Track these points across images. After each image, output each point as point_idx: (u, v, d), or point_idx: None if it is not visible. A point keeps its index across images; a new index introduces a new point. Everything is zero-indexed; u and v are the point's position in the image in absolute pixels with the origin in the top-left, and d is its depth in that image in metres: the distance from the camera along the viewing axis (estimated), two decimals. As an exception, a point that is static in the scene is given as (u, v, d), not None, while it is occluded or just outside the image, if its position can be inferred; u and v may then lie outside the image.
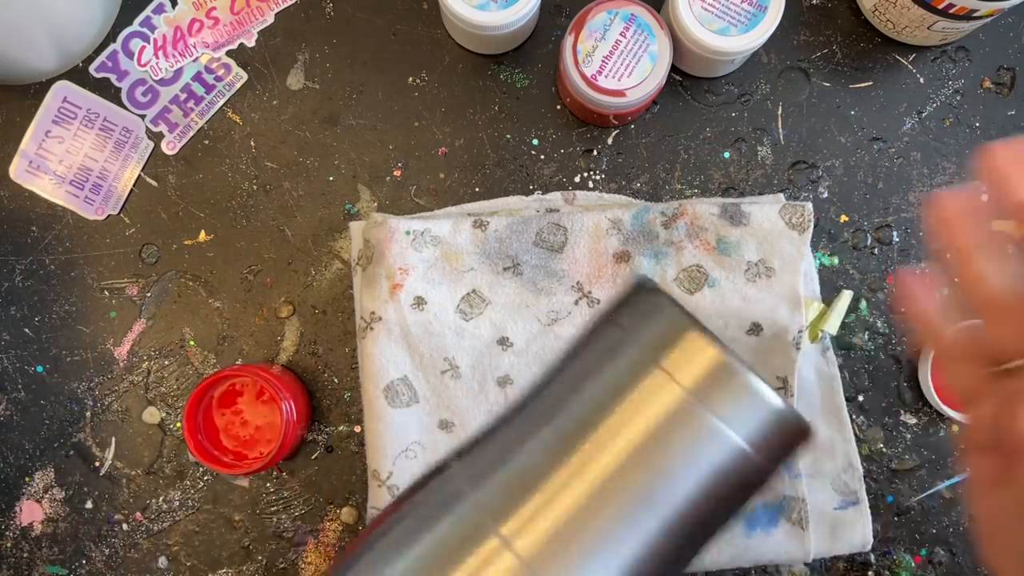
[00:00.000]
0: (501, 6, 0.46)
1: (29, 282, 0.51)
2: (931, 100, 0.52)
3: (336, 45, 0.53)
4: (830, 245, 0.52)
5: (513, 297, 0.49)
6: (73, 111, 0.52)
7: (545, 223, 0.49)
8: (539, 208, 0.51)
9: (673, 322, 0.31)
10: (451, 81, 0.52)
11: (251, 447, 0.49)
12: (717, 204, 0.49)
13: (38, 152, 0.52)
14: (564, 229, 0.49)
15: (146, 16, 0.52)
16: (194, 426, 0.46)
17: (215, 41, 0.52)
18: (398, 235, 0.48)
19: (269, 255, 0.51)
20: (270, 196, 0.52)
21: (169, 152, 0.52)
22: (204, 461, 0.46)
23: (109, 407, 0.51)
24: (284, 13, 0.53)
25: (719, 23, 0.47)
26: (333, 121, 0.52)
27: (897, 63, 0.53)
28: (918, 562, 0.50)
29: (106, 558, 0.50)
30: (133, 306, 0.51)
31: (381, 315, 0.48)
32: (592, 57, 0.47)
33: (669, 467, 0.29)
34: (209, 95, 0.52)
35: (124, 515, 0.50)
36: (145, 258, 0.52)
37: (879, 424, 0.51)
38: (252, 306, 0.51)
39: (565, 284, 0.49)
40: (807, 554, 0.47)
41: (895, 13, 0.49)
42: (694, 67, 0.51)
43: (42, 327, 0.51)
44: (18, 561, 0.50)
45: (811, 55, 0.53)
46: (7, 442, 0.50)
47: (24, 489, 0.50)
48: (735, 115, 0.52)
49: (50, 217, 0.52)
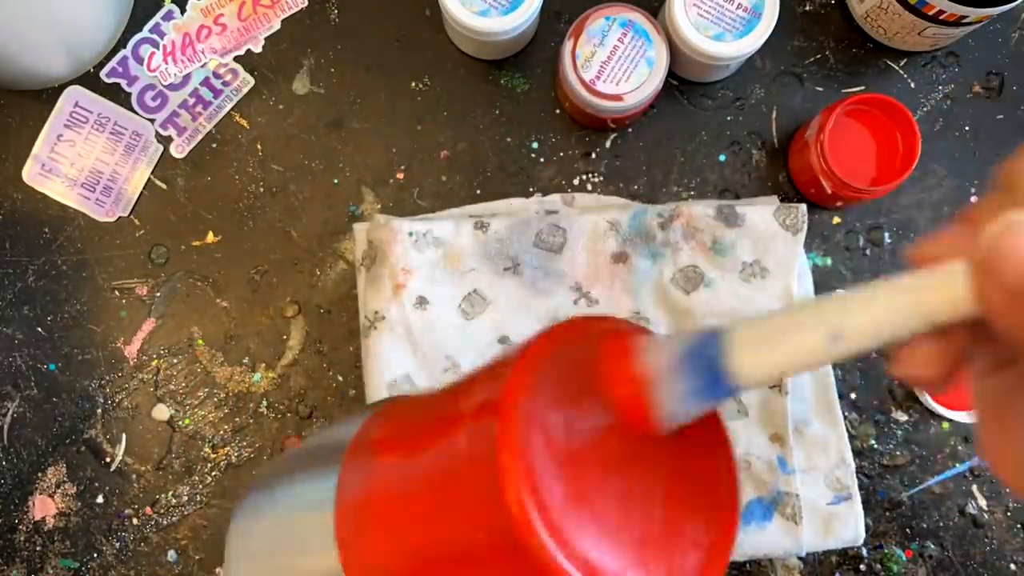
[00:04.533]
0: (502, 12, 0.48)
1: (42, 282, 0.53)
2: (922, 104, 0.53)
3: (341, 51, 0.54)
4: (823, 246, 0.53)
5: (513, 297, 0.50)
6: (84, 115, 0.53)
7: (545, 224, 0.50)
8: (539, 210, 0.52)
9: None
10: (453, 86, 0.54)
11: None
12: (713, 206, 0.50)
13: (50, 155, 0.53)
14: (563, 230, 0.50)
15: (155, 23, 0.54)
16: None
17: (223, 47, 0.54)
18: (401, 236, 0.49)
19: (275, 256, 0.53)
20: (276, 198, 0.53)
21: (178, 155, 0.53)
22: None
23: (119, 404, 0.52)
24: (290, 20, 0.54)
25: (715, 29, 0.48)
26: (338, 125, 0.53)
27: (888, 68, 0.54)
28: (909, 556, 0.51)
29: (116, 552, 0.51)
30: (143, 306, 0.53)
31: (384, 314, 0.49)
32: (591, 62, 0.48)
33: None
34: (217, 100, 0.53)
35: (134, 510, 0.51)
36: (154, 259, 0.53)
37: (871, 421, 0.52)
38: (259, 306, 0.52)
39: (564, 284, 0.50)
40: (800, 548, 0.48)
41: (887, 19, 0.51)
42: (690, 72, 0.52)
43: (54, 326, 0.52)
44: (31, 554, 0.51)
45: (804, 60, 0.54)
46: (20, 438, 0.52)
47: (37, 484, 0.51)
48: (730, 119, 0.53)
49: (62, 219, 0.53)
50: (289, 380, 0.52)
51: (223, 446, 0.52)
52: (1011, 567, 0.51)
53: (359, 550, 0.27)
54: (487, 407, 0.23)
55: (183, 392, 0.52)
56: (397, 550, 0.26)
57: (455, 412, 0.26)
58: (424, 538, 0.26)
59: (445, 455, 0.25)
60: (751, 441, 0.48)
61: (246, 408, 0.52)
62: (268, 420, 0.52)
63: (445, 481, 0.25)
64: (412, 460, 0.27)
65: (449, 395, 0.28)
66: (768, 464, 0.48)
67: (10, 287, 0.53)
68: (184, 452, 0.52)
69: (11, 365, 0.52)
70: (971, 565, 0.51)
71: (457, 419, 0.25)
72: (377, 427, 0.30)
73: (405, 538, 0.26)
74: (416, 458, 0.27)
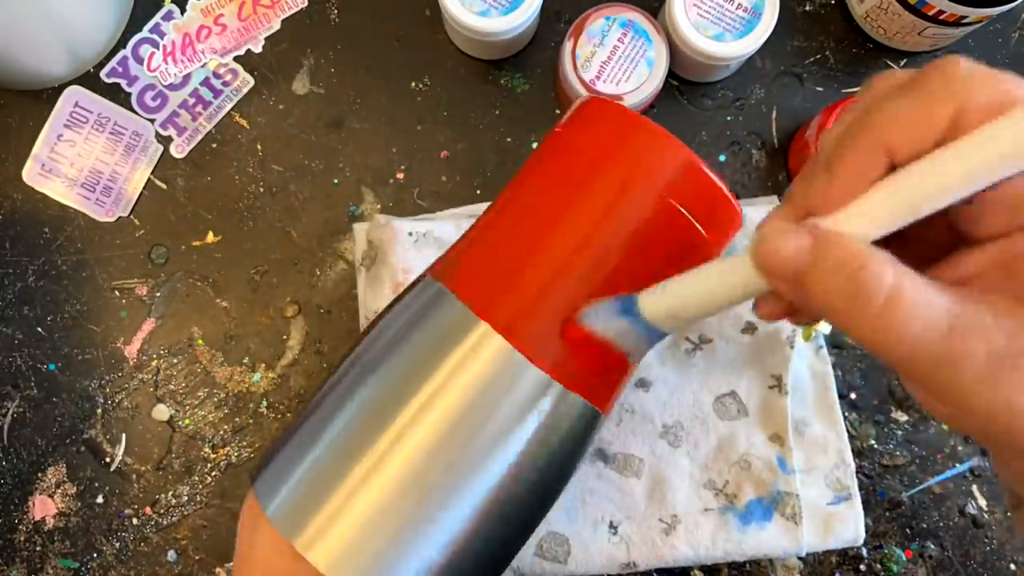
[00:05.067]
0: (502, 13, 0.48)
1: (42, 282, 0.53)
2: (922, 104, 0.53)
3: (341, 51, 0.54)
4: (823, 246, 0.53)
5: (513, 297, 0.50)
6: (84, 116, 0.53)
7: (545, 224, 0.50)
8: (539, 210, 0.52)
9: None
10: (453, 86, 0.54)
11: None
12: (713, 206, 0.50)
13: (50, 155, 0.53)
14: (563, 230, 0.50)
15: (155, 23, 0.54)
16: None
17: (223, 47, 0.54)
18: (401, 236, 0.49)
19: (275, 256, 0.53)
20: (276, 198, 0.53)
21: (178, 155, 0.53)
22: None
23: (119, 404, 0.52)
24: (290, 20, 0.54)
25: (715, 29, 0.48)
26: (338, 125, 0.53)
27: (889, 68, 0.54)
28: (909, 556, 0.51)
29: (116, 552, 0.51)
30: (143, 306, 0.53)
31: (385, 314, 0.49)
32: (590, 62, 0.48)
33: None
34: (217, 100, 0.53)
35: (134, 510, 0.51)
36: (154, 259, 0.53)
37: (871, 421, 0.52)
38: (259, 306, 0.52)
39: (564, 284, 0.50)
40: (800, 548, 0.48)
41: (887, 19, 0.51)
42: (690, 72, 0.52)
43: (54, 326, 0.52)
44: (31, 555, 0.51)
45: (804, 60, 0.54)
46: (20, 438, 0.52)
47: (37, 484, 0.51)
48: (730, 119, 0.53)
49: (62, 219, 0.53)
50: (289, 380, 0.52)
51: (223, 446, 0.52)
52: (1011, 567, 0.51)
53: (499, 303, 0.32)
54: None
55: (183, 392, 0.52)
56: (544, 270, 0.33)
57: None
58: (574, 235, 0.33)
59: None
60: (751, 441, 0.49)
61: (246, 408, 0.52)
62: (268, 420, 0.52)
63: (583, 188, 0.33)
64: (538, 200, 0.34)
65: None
66: (768, 464, 0.48)
67: (10, 287, 0.53)
68: (184, 452, 0.52)
69: (11, 365, 0.52)
70: (971, 565, 0.51)
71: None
72: (464, 243, 0.36)
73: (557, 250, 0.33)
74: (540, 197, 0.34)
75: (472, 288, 0.33)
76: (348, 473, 0.31)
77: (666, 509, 0.48)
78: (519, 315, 0.32)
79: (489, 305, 0.32)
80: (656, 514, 0.48)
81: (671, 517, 0.48)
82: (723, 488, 0.48)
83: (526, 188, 0.35)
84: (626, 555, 0.47)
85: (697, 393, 0.49)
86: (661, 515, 0.48)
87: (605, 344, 0.31)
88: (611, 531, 0.48)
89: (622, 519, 0.48)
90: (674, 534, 0.47)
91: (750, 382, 0.49)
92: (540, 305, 0.32)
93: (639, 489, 0.48)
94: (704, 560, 0.48)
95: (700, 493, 0.48)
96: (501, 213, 0.36)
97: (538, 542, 0.47)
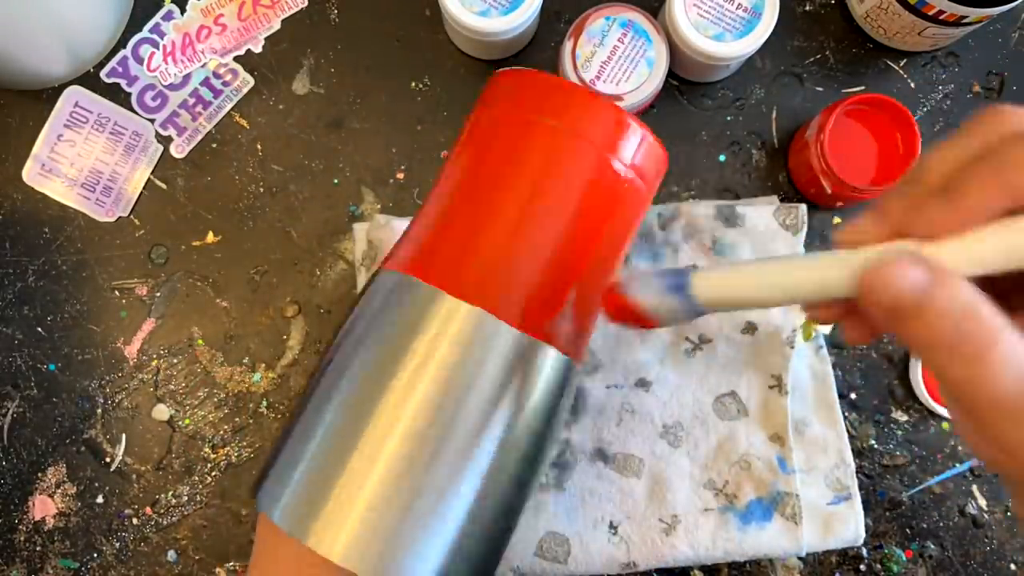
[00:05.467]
0: (502, 12, 0.48)
1: (42, 282, 0.53)
2: (922, 104, 0.53)
3: (341, 51, 0.54)
4: (823, 246, 0.53)
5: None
6: (84, 116, 0.53)
7: (544, 224, 0.50)
8: (539, 210, 0.52)
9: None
10: (453, 85, 0.54)
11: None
12: (713, 206, 0.50)
13: (50, 155, 0.53)
14: (563, 230, 0.50)
15: (155, 23, 0.54)
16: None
17: (223, 47, 0.54)
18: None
19: (275, 256, 0.53)
20: (276, 198, 0.53)
21: (178, 155, 0.53)
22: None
23: (119, 404, 0.52)
24: (290, 20, 0.54)
25: (715, 29, 0.48)
26: (337, 125, 0.53)
27: (889, 68, 0.54)
28: (909, 556, 0.51)
29: (116, 552, 0.51)
30: (143, 306, 0.53)
31: (385, 314, 0.49)
32: (590, 62, 0.48)
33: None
34: (217, 100, 0.53)
35: (134, 510, 0.51)
36: (154, 259, 0.53)
37: (871, 421, 0.52)
38: (259, 306, 0.52)
39: (564, 284, 0.50)
40: (800, 548, 0.48)
41: (887, 19, 0.51)
42: (690, 72, 0.52)
43: (54, 326, 0.52)
44: (31, 555, 0.51)
45: (804, 60, 0.54)
46: (20, 438, 0.52)
47: (37, 484, 0.51)
48: (730, 119, 0.53)
49: (62, 219, 0.53)
50: (289, 380, 0.52)
51: (223, 446, 0.52)
52: (1011, 567, 0.51)
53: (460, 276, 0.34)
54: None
55: (183, 392, 0.52)
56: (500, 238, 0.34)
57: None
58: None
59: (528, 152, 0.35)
60: (751, 441, 0.49)
61: (246, 408, 0.52)
62: (268, 420, 0.52)
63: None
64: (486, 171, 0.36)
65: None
66: (768, 464, 0.48)
67: (10, 287, 0.53)
68: (184, 452, 0.52)
69: (11, 365, 0.52)
70: (971, 565, 0.51)
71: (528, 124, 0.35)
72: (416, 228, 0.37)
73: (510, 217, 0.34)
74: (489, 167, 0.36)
75: (431, 268, 0.34)
76: (346, 464, 0.31)
77: (666, 509, 0.48)
78: (480, 281, 0.33)
79: (449, 279, 0.33)
80: (656, 514, 0.48)
81: (671, 517, 0.48)
82: (723, 488, 0.48)
83: (463, 162, 0.37)
84: (626, 555, 0.47)
85: (697, 393, 0.49)
86: (661, 515, 0.48)
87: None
88: (611, 531, 0.48)
89: (622, 519, 0.48)
90: (674, 534, 0.47)
91: (750, 382, 0.49)
92: (499, 267, 0.33)
93: (639, 489, 0.48)
94: (704, 560, 0.48)
95: (700, 493, 0.48)
96: (443, 191, 0.37)
97: (538, 542, 0.47)
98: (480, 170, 0.36)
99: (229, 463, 0.51)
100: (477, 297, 0.33)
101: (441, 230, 0.35)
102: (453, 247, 0.34)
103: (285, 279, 0.53)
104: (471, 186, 0.36)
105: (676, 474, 0.48)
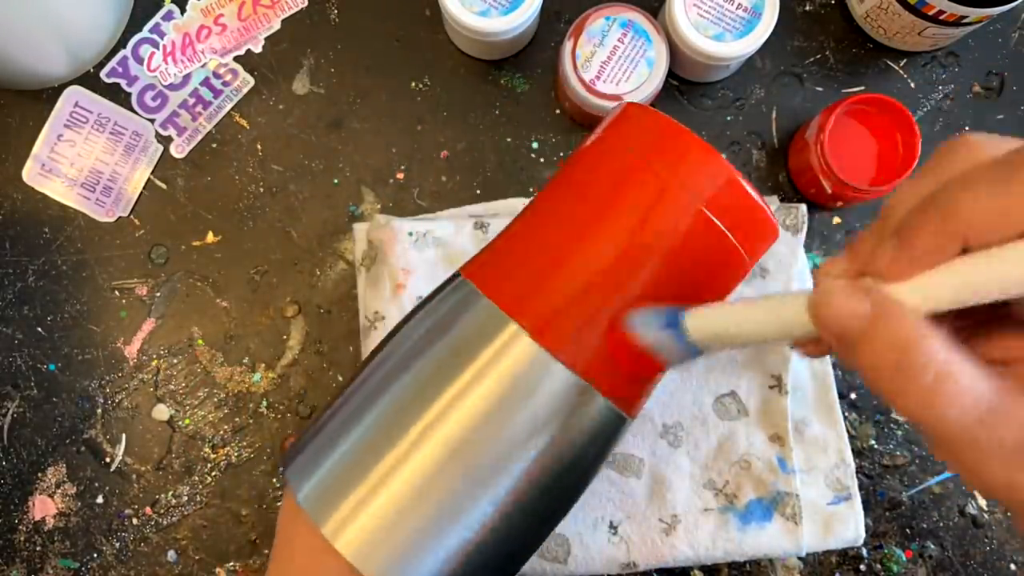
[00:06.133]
0: (502, 12, 0.48)
1: (42, 282, 0.53)
2: (922, 104, 0.53)
3: (341, 51, 0.54)
4: (823, 246, 0.53)
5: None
6: (84, 116, 0.53)
7: (545, 224, 0.50)
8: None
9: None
10: (453, 86, 0.54)
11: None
12: (713, 206, 0.50)
13: (50, 155, 0.53)
14: (563, 230, 0.50)
15: (155, 23, 0.54)
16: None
17: (223, 47, 0.54)
18: (401, 236, 0.49)
19: (275, 256, 0.53)
20: (276, 198, 0.53)
21: (178, 155, 0.53)
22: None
23: (119, 404, 0.52)
24: (290, 20, 0.54)
25: (715, 29, 0.48)
26: (337, 125, 0.53)
27: (889, 68, 0.54)
28: (909, 556, 0.51)
29: (116, 552, 0.51)
30: (142, 306, 0.53)
31: (384, 314, 0.49)
32: (590, 62, 0.48)
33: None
34: (217, 100, 0.53)
35: (134, 510, 0.51)
36: (154, 259, 0.53)
37: (871, 421, 0.52)
38: (259, 306, 0.52)
39: (564, 284, 0.50)
40: (800, 548, 0.48)
41: (887, 19, 0.51)
42: (690, 72, 0.52)
43: (54, 326, 0.52)
44: (31, 555, 0.51)
45: (804, 60, 0.54)
46: (20, 438, 0.52)
47: (37, 484, 0.51)
48: (730, 119, 0.53)
49: (62, 219, 0.53)
50: (289, 380, 0.52)
51: (223, 446, 0.52)
52: (1011, 567, 0.51)
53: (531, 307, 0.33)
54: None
55: (183, 392, 0.52)
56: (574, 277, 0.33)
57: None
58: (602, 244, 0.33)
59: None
60: (751, 441, 0.49)
61: (246, 408, 0.52)
62: (268, 420, 0.52)
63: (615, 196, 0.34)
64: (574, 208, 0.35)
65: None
66: (768, 464, 0.48)
67: (10, 287, 0.53)
68: (184, 452, 0.52)
69: (11, 365, 0.52)
70: (971, 565, 0.51)
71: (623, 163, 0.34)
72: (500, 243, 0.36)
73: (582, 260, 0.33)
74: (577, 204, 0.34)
75: (504, 289, 0.33)
76: (377, 464, 0.32)
77: (666, 509, 0.48)
78: (549, 317, 0.32)
79: (520, 306, 0.32)
80: (656, 514, 0.48)
81: (671, 517, 0.48)
82: (723, 488, 0.48)
83: (563, 190, 0.36)
84: (626, 555, 0.47)
85: (697, 393, 0.49)
86: (661, 515, 0.48)
87: (644, 350, 0.32)
88: (611, 531, 0.48)
89: (622, 519, 0.48)
90: (674, 534, 0.47)
91: (750, 382, 0.49)
92: (571, 308, 0.32)
93: (639, 489, 0.48)
94: (704, 560, 0.48)
95: (700, 493, 0.48)
96: (537, 214, 0.36)
97: (538, 542, 0.47)
98: (577, 203, 0.34)
99: (229, 463, 0.51)
100: (541, 331, 0.32)
101: (523, 252, 0.35)
102: (530, 274, 0.34)
103: (285, 279, 0.53)
104: (564, 217, 0.34)
105: (676, 474, 0.48)
